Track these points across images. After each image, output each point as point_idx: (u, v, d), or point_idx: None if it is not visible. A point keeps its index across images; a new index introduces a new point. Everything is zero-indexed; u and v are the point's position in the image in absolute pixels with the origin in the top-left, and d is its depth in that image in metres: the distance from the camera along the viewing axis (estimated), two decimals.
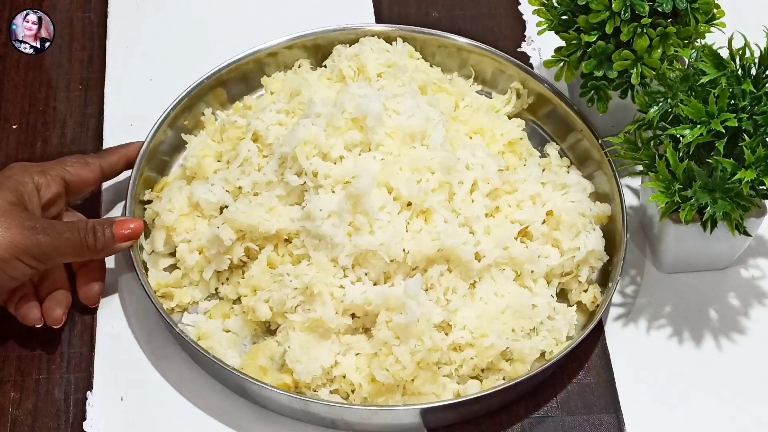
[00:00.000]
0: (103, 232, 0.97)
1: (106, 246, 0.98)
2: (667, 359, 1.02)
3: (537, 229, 1.02)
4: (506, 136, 1.09)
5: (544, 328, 1.00)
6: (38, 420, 0.97)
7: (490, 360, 0.97)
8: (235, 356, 0.99)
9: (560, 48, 1.08)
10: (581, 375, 1.01)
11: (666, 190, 0.96)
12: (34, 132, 1.15)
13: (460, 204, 1.00)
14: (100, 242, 0.97)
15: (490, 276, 1.00)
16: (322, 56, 1.16)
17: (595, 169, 1.09)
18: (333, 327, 0.97)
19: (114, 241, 0.98)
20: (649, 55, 1.03)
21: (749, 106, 0.96)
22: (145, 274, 1.01)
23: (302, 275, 0.97)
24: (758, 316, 1.05)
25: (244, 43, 1.15)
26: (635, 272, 1.07)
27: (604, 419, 0.99)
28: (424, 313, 0.95)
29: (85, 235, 0.96)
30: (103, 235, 0.97)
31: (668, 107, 0.98)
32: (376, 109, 0.99)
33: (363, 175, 0.97)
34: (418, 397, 0.96)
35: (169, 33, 1.24)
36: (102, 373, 1.00)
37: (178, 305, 1.02)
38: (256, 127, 1.05)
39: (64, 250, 0.96)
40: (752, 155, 0.94)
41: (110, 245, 0.98)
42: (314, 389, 0.96)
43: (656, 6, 1.03)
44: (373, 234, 0.97)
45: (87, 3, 1.25)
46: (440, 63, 1.17)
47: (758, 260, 1.08)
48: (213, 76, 1.13)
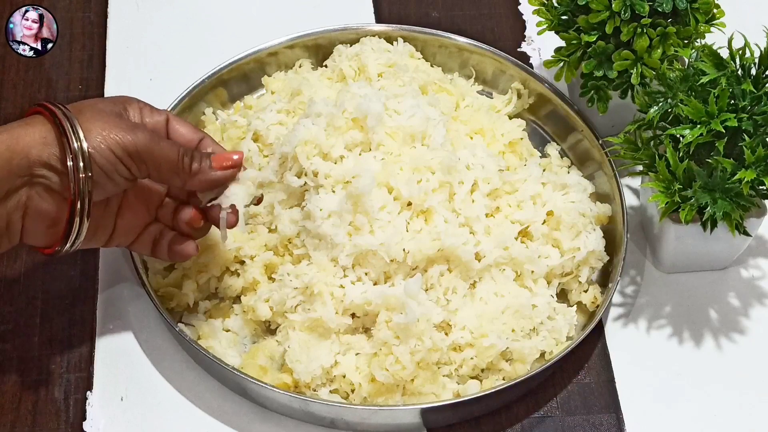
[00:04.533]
0: (200, 159, 0.94)
1: (201, 171, 0.94)
2: (667, 359, 1.02)
3: (537, 230, 1.02)
4: (507, 136, 1.09)
5: (544, 328, 1.00)
6: (38, 420, 0.97)
7: (490, 360, 0.97)
8: (235, 356, 0.99)
9: (560, 48, 1.08)
10: (581, 375, 1.01)
11: (666, 190, 0.96)
12: None
13: (460, 204, 1.00)
14: (195, 165, 0.94)
15: (490, 276, 1.00)
16: (323, 56, 1.16)
17: (596, 170, 1.10)
18: (333, 327, 0.97)
19: (210, 168, 0.95)
20: (649, 55, 1.03)
21: (749, 106, 0.96)
22: (145, 274, 1.01)
23: (302, 275, 0.97)
24: (758, 316, 1.05)
25: (244, 42, 1.15)
26: (635, 272, 1.07)
27: (604, 419, 0.99)
28: (424, 313, 0.95)
29: (183, 154, 0.93)
30: (199, 161, 0.94)
31: (668, 107, 0.98)
32: (376, 109, 0.99)
33: (363, 175, 0.97)
34: (418, 397, 0.96)
35: (169, 33, 1.24)
36: (102, 373, 1.00)
37: (178, 305, 1.02)
38: (256, 127, 1.06)
39: (160, 159, 0.92)
40: (752, 155, 0.94)
41: (206, 171, 0.94)
42: (314, 389, 0.96)
43: (656, 6, 1.03)
44: (373, 234, 0.97)
45: (87, 3, 1.25)
46: (441, 63, 1.17)
47: (758, 260, 1.08)
48: (213, 75, 1.13)
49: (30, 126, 0.89)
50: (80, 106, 0.91)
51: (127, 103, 0.94)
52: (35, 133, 0.88)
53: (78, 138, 0.88)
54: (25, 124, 0.89)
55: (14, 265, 1.05)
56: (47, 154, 0.88)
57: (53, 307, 1.03)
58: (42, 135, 0.88)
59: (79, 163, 0.88)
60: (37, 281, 1.05)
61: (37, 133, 0.88)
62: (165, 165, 0.92)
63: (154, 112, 0.96)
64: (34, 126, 0.89)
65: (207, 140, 0.97)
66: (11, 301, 1.03)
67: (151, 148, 0.91)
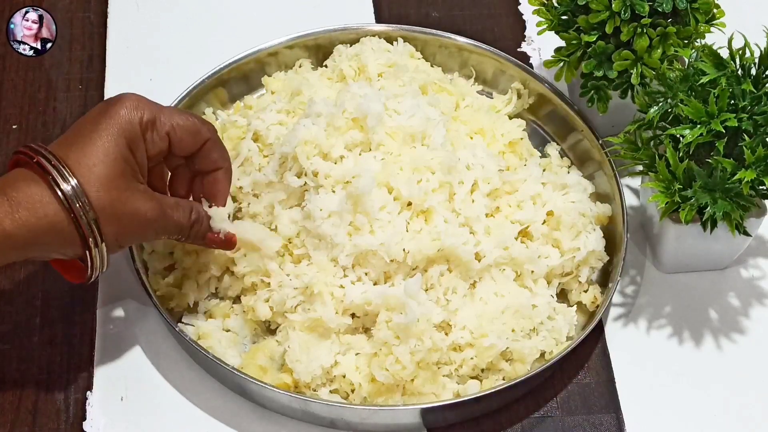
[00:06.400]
0: (200, 223, 0.96)
1: (198, 237, 0.96)
2: (667, 359, 1.03)
3: (537, 230, 1.02)
4: (507, 136, 1.09)
5: (544, 328, 1.00)
6: (38, 420, 0.97)
7: (490, 360, 0.97)
8: (235, 356, 0.99)
9: (560, 48, 1.08)
10: (581, 375, 1.01)
11: (666, 190, 0.96)
12: (34, 132, 1.15)
13: (460, 204, 1.00)
14: (195, 228, 0.95)
15: (490, 276, 1.00)
16: (323, 56, 1.16)
17: (596, 170, 1.10)
18: (333, 327, 0.97)
19: (203, 239, 0.97)
20: (649, 55, 1.03)
21: (749, 106, 0.96)
22: (145, 274, 1.01)
23: (302, 275, 0.97)
24: (758, 316, 1.05)
25: (244, 42, 1.15)
26: (635, 272, 1.07)
27: (604, 419, 0.99)
28: (424, 313, 0.95)
29: (191, 223, 0.94)
30: (199, 225, 0.96)
31: (668, 107, 0.98)
32: (376, 109, 0.99)
33: (363, 175, 0.97)
34: (418, 397, 0.96)
35: (169, 33, 1.24)
36: (102, 373, 1.00)
37: (178, 305, 1.02)
38: (256, 127, 1.06)
39: (169, 229, 0.94)
40: (752, 155, 0.94)
41: (199, 239, 0.97)
42: (314, 389, 0.96)
43: (656, 6, 1.03)
44: (373, 234, 0.97)
45: (87, 3, 1.25)
46: (441, 63, 1.17)
47: (758, 260, 1.08)
48: (213, 75, 1.13)
49: (23, 190, 0.86)
50: (79, 160, 0.88)
51: (132, 143, 0.90)
52: (34, 200, 0.86)
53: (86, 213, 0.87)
54: (16, 185, 0.87)
55: (14, 265, 1.05)
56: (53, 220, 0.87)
57: (53, 307, 1.03)
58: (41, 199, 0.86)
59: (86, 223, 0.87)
60: (37, 281, 1.05)
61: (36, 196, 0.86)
62: (172, 229, 0.94)
63: (157, 137, 0.92)
64: (28, 188, 0.86)
65: (209, 145, 0.96)
66: (11, 301, 1.04)
67: (160, 225, 0.92)
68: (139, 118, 0.90)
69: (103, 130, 0.89)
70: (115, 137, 0.89)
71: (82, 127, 0.90)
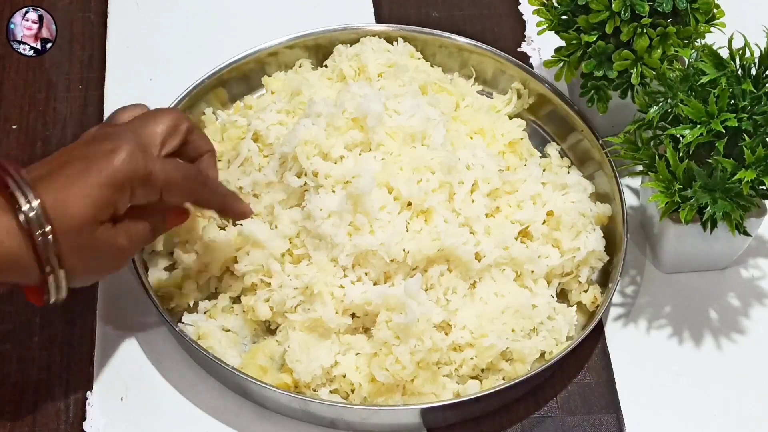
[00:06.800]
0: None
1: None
2: (667, 359, 1.03)
3: (537, 230, 1.02)
4: (507, 136, 1.09)
5: (544, 329, 1.00)
6: (38, 420, 0.97)
7: (490, 360, 0.97)
8: (235, 356, 0.99)
9: (560, 48, 1.08)
10: (581, 375, 1.01)
11: (666, 190, 0.96)
12: (34, 132, 1.15)
13: (460, 204, 1.00)
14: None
15: (490, 276, 1.00)
16: (323, 56, 1.16)
17: (596, 170, 1.10)
18: (333, 327, 0.97)
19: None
20: (649, 55, 1.03)
21: (749, 106, 0.96)
22: (145, 274, 1.01)
23: (302, 275, 0.97)
24: (758, 316, 1.05)
25: (244, 43, 1.15)
26: (635, 272, 1.07)
27: (604, 419, 0.99)
28: (424, 313, 0.95)
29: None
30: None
31: (668, 107, 0.98)
32: (376, 109, 0.99)
33: (363, 175, 0.97)
34: (418, 397, 0.96)
35: (169, 33, 1.24)
36: (102, 373, 1.00)
37: (178, 305, 1.02)
38: (256, 127, 1.06)
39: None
40: (752, 155, 0.94)
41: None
42: (314, 389, 0.96)
43: (656, 6, 1.03)
44: (373, 234, 0.97)
45: (87, 3, 1.25)
46: (441, 63, 1.17)
47: (758, 260, 1.08)
48: (213, 75, 1.13)
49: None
50: (57, 198, 0.84)
51: (117, 194, 0.86)
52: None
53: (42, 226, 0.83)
54: None
55: None
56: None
57: (53, 307, 1.03)
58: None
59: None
60: None
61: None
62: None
63: (149, 191, 0.88)
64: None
65: (192, 137, 0.95)
66: (11, 301, 1.03)
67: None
68: (132, 171, 0.86)
69: (91, 175, 0.85)
70: (102, 187, 0.85)
71: (71, 161, 0.86)
